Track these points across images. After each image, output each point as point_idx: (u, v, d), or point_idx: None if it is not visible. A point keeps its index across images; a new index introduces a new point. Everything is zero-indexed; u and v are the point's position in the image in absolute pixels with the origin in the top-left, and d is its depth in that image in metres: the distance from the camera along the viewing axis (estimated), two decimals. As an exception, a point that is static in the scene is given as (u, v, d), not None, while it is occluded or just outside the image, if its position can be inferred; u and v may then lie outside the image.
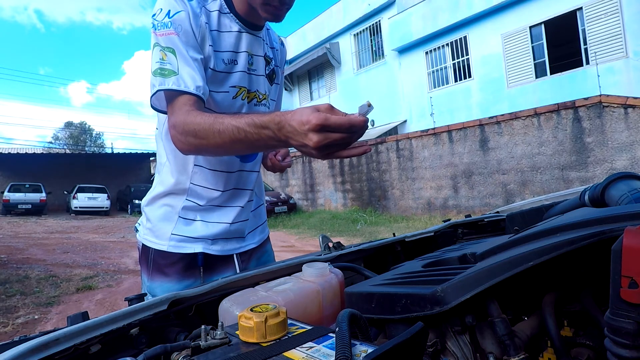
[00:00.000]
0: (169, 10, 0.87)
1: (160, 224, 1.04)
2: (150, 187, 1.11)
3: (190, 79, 0.85)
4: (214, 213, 1.05)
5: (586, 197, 0.97)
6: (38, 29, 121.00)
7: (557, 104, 7.52)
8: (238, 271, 1.08)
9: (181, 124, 0.83)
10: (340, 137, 0.68)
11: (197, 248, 1.03)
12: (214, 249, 1.05)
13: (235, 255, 1.10)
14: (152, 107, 0.94)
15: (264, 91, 1.08)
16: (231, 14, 0.98)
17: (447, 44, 12.79)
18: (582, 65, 10.05)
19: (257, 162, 1.12)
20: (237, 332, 0.53)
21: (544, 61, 10.77)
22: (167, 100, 0.89)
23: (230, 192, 1.05)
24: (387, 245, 1.11)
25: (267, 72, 1.10)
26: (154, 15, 0.90)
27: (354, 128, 0.68)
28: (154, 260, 1.04)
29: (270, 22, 0.99)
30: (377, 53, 15.12)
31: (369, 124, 0.72)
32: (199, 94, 0.86)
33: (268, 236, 1.26)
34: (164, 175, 1.05)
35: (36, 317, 3.95)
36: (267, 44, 1.10)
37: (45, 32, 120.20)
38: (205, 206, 1.04)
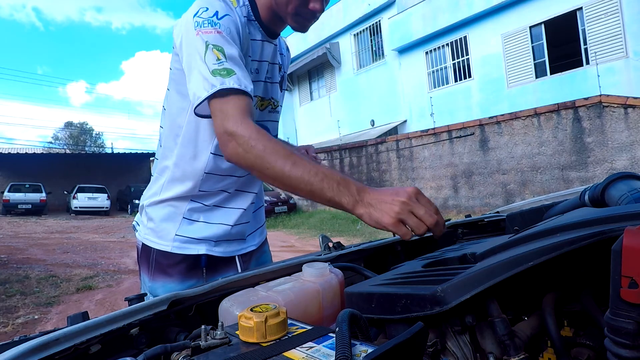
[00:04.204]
0: (217, 12, 0.84)
1: (164, 224, 1.02)
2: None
3: (246, 80, 0.80)
4: (217, 214, 1.04)
5: (586, 197, 0.97)
6: (37, 28, 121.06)
7: (557, 104, 7.52)
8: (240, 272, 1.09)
9: (247, 138, 0.74)
10: (425, 213, 0.66)
11: (200, 249, 1.02)
12: (217, 251, 1.05)
13: (237, 257, 1.10)
14: (196, 113, 0.84)
15: (278, 98, 1.09)
16: (256, 22, 0.96)
17: (447, 44, 12.79)
18: (582, 65, 10.04)
19: None
20: (237, 332, 0.53)
21: (544, 61, 10.77)
22: (213, 102, 0.80)
23: (234, 194, 1.05)
24: (387, 245, 1.11)
25: (279, 79, 1.10)
26: (196, 13, 0.84)
27: (440, 220, 0.67)
28: (156, 261, 1.03)
29: (297, 31, 0.97)
30: (377, 53, 15.11)
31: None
32: (252, 97, 0.82)
33: (266, 237, 1.26)
34: (168, 178, 1.02)
35: (36, 317, 3.95)
36: (278, 50, 1.10)
37: (44, 31, 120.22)
38: (209, 206, 1.03)
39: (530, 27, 10.83)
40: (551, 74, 10.65)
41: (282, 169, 0.72)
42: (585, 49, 9.91)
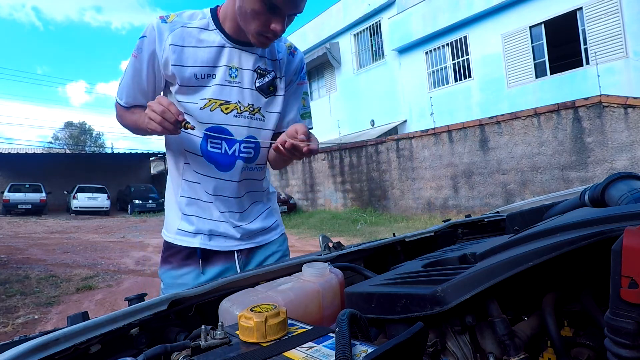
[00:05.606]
0: (142, 36, 1.06)
1: (170, 219, 1.17)
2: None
3: (120, 92, 1.12)
4: (205, 210, 1.14)
5: (586, 197, 0.97)
6: (36, 27, 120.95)
7: (557, 104, 7.52)
8: (238, 267, 1.15)
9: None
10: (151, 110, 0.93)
11: (195, 243, 1.13)
12: (212, 245, 1.14)
13: (235, 252, 1.16)
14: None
15: (248, 103, 1.09)
16: (217, 30, 1.06)
17: (447, 44, 12.79)
18: (582, 65, 10.04)
19: (234, 173, 1.12)
20: (237, 332, 0.53)
21: (544, 61, 10.77)
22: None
23: (215, 197, 1.13)
24: (387, 245, 1.11)
25: (258, 84, 1.10)
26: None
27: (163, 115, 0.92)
28: (164, 250, 1.18)
29: (258, 47, 1.06)
30: (377, 53, 15.11)
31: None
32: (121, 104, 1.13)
33: (282, 244, 1.27)
34: (169, 180, 1.19)
35: (36, 317, 3.95)
36: (263, 56, 1.11)
37: (43, 31, 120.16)
38: (196, 201, 1.13)
39: (530, 27, 10.83)
40: (551, 74, 10.65)
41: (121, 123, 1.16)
42: (585, 49, 9.91)
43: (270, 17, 0.95)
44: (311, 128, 1.22)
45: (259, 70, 1.10)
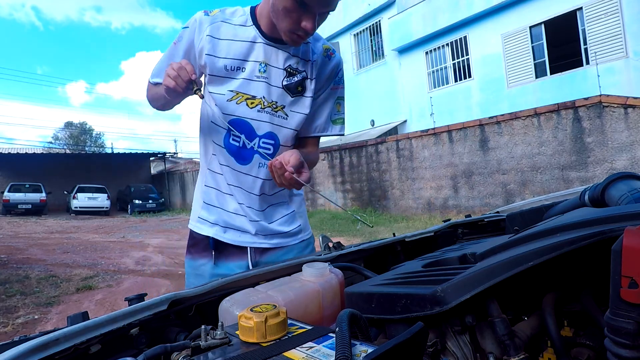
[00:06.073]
0: (184, 27, 1.12)
1: (194, 207, 1.22)
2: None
3: (155, 73, 1.15)
4: (223, 201, 1.16)
5: (586, 197, 0.97)
6: (36, 27, 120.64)
7: (557, 104, 7.52)
8: (250, 264, 1.16)
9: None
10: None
11: (210, 232, 1.16)
12: (226, 237, 1.16)
13: (249, 249, 1.16)
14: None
15: (273, 100, 1.10)
16: (253, 26, 1.09)
17: (447, 44, 12.79)
18: (582, 65, 10.04)
19: (251, 167, 1.12)
20: (237, 332, 0.53)
21: (544, 61, 10.77)
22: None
23: (234, 188, 1.15)
24: (387, 245, 1.11)
25: (286, 83, 1.10)
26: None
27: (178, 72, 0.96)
28: (188, 240, 1.23)
29: (290, 45, 1.07)
30: (377, 53, 15.11)
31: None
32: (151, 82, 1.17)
33: (300, 246, 1.24)
34: (200, 163, 1.23)
35: (36, 317, 3.94)
36: (296, 56, 1.11)
37: (43, 31, 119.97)
38: (217, 192, 1.16)
39: (530, 27, 10.83)
40: (551, 74, 10.65)
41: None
42: (585, 49, 9.91)
43: (301, 14, 0.96)
44: (342, 134, 1.24)
45: (289, 69, 1.10)
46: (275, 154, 1.13)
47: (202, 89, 1.01)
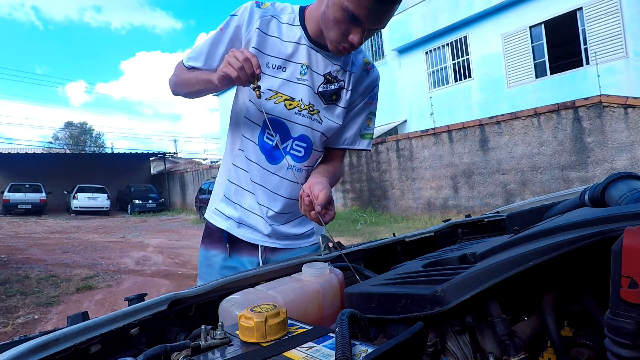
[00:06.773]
0: (233, 13, 1.10)
1: (213, 199, 1.24)
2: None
3: (190, 57, 1.13)
4: (240, 197, 1.17)
5: (586, 197, 0.97)
6: (36, 27, 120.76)
7: (557, 104, 7.52)
8: (260, 262, 1.17)
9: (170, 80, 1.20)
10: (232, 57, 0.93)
11: (223, 225, 1.18)
12: (239, 233, 1.17)
13: (260, 247, 1.17)
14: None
15: (309, 102, 1.10)
16: (300, 27, 1.09)
17: (447, 44, 12.79)
18: (582, 65, 10.05)
19: (281, 167, 1.12)
20: (237, 332, 0.53)
21: (544, 61, 10.78)
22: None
23: (257, 186, 1.14)
24: (387, 245, 1.11)
25: (322, 89, 1.10)
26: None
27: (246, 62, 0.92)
28: (204, 229, 1.24)
29: (334, 54, 1.06)
30: (377, 53, 15.11)
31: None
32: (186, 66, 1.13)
33: (311, 248, 1.24)
34: (223, 156, 1.24)
35: (36, 317, 3.95)
36: (337, 64, 1.11)
37: (43, 30, 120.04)
38: (237, 187, 1.17)
39: (530, 27, 10.83)
40: (551, 74, 10.65)
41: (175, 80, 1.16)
42: (585, 49, 9.91)
43: (350, 27, 0.95)
44: (369, 150, 1.26)
45: (328, 76, 1.10)
46: (307, 158, 1.14)
47: (260, 86, 0.98)
